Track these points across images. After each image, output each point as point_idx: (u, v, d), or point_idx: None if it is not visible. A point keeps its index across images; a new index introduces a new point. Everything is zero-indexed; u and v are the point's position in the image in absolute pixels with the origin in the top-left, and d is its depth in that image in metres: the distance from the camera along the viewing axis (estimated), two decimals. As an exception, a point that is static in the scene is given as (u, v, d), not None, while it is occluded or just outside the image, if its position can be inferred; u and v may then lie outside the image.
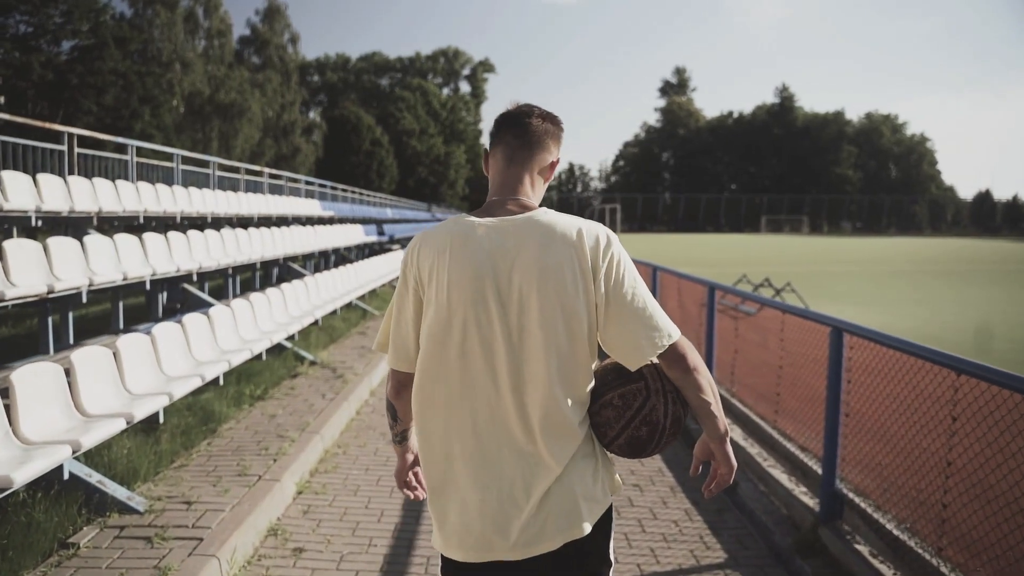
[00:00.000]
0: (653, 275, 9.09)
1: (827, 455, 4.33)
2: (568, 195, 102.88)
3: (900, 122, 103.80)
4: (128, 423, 3.99)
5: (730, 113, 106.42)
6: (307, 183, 19.91)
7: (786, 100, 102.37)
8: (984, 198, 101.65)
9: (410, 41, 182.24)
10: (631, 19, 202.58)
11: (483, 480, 1.70)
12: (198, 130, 40.18)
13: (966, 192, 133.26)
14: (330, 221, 17.48)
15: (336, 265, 13.61)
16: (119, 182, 8.44)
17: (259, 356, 6.84)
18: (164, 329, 5.21)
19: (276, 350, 7.85)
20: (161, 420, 4.56)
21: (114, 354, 4.47)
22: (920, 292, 20.10)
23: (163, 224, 9.50)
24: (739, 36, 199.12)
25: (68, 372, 4.04)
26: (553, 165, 1.89)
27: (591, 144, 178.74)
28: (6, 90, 29.74)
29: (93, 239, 6.23)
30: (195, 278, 7.74)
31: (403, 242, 23.93)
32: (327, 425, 5.81)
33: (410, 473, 2.04)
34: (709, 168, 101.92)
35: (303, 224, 14.37)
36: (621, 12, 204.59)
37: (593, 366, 1.80)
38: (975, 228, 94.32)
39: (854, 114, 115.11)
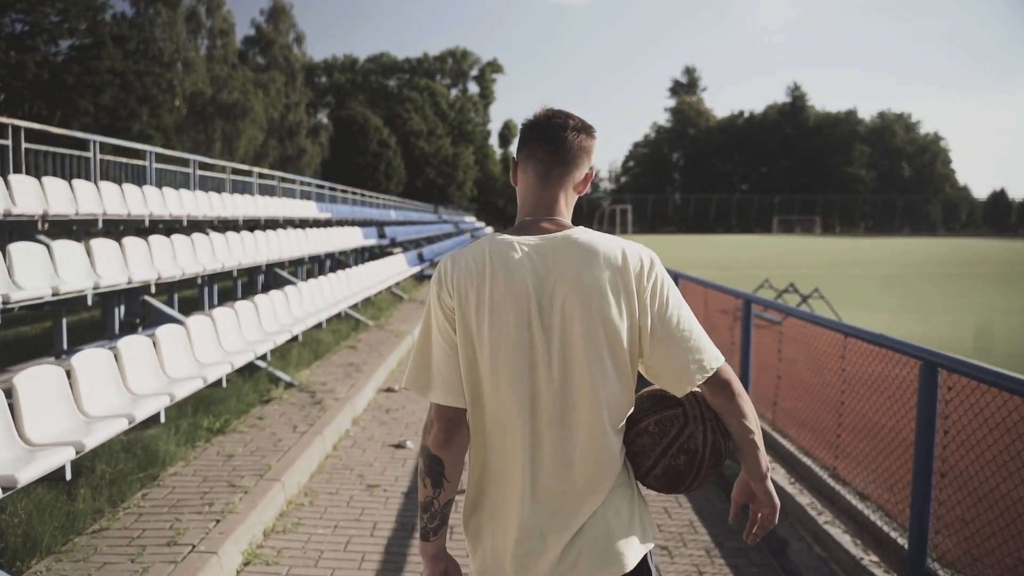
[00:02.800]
0: (675, 283, 8.11)
1: (914, 526, 3.37)
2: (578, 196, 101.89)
3: (913, 121, 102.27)
4: (6, 490, 3.06)
5: (741, 113, 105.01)
6: (303, 184, 18.94)
7: (797, 99, 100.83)
8: (999, 197, 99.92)
9: (418, 42, 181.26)
10: (640, 19, 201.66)
11: (516, 514, 1.60)
12: (200, 131, 39.25)
13: (980, 192, 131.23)
14: (327, 224, 16.54)
15: (332, 271, 12.68)
16: (76, 181, 7.53)
17: (219, 383, 5.90)
18: (87, 357, 4.27)
19: (247, 370, 6.92)
20: (68, 477, 3.65)
21: (7, 392, 3.54)
22: (954, 298, 19.01)
23: (132, 228, 8.62)
24: (749, 35, 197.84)
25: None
26: (587, 178, 1.79)
27: (600, 144, 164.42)
28: (1, 90, 29.02)
29: (20, 246, 5.30)
30: (153, 289, 6.80)
31: (406, 245, 22.96)
32: (292, 468, 4.87)
33: None
34: (720, 168, 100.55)
35: (296, 227, 13.44)
36: (630, 12, 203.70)
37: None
38: (990, 228, 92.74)
39: (866, 113, 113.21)
